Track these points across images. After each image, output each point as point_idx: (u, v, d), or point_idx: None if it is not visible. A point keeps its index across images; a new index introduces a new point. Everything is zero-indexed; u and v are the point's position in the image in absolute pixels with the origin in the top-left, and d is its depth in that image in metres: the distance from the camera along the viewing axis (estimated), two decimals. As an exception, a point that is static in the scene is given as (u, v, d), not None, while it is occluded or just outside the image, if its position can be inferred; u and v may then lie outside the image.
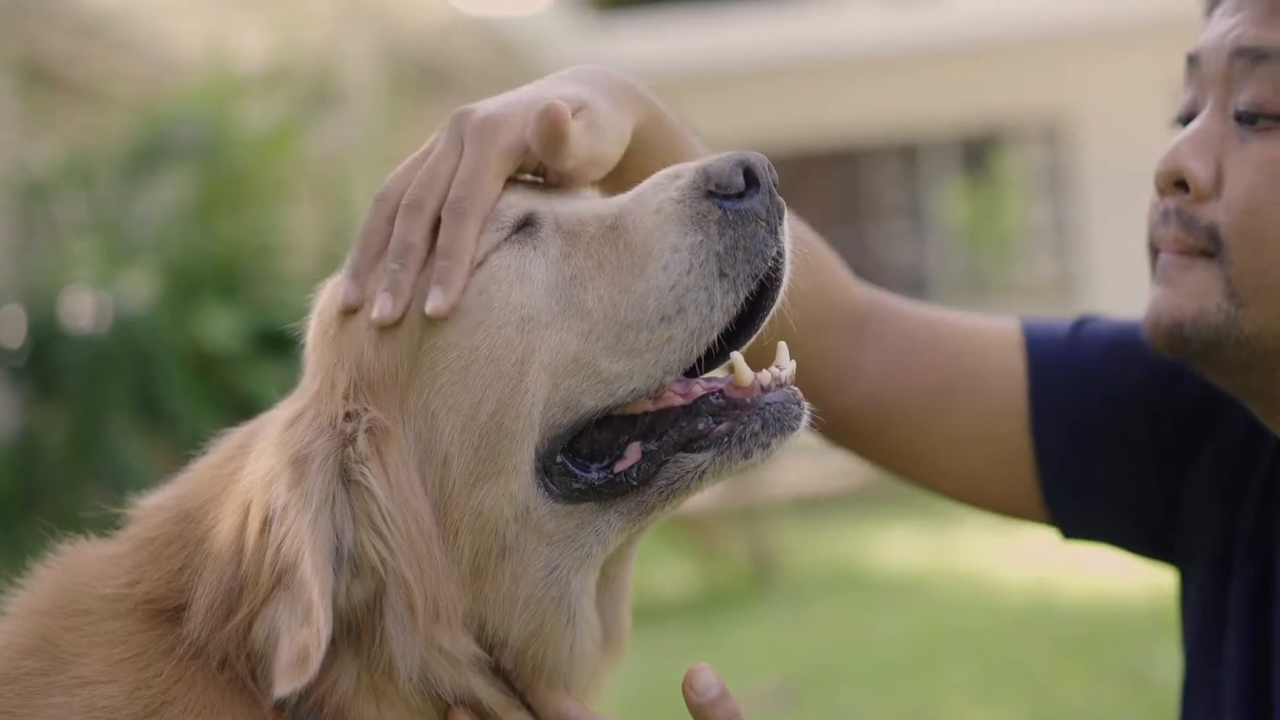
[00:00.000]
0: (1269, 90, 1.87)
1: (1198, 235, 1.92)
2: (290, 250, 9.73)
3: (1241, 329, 1.89)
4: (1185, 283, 1.93)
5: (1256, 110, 1.88)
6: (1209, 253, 1.91)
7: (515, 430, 1.68)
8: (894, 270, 21.08)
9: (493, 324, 1.70)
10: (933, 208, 20.78)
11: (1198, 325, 1.91)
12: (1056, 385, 2.20)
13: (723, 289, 1.70)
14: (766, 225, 1.73)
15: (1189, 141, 1.94)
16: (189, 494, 1.77)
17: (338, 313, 1.75)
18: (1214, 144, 1.92)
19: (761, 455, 1.72)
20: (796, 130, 20.66)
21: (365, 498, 1.65)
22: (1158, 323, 1.96)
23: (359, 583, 1.64)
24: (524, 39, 17.91)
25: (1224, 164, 1.91)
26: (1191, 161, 1.92)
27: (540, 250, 1.75)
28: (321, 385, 1.72)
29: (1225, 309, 1.89)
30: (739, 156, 1.74)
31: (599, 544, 1.72)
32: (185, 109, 9.60)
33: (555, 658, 1.71)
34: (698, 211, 1.72)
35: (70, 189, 9.65)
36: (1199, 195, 1.92)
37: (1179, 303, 1.93)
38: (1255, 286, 1.87)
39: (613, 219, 1.76)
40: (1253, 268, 1.87)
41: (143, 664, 1.65)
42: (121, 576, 1.71)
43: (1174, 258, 1.95)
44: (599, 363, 1.70)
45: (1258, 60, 1.88)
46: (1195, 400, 2.18)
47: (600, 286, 1.72)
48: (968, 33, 19.80)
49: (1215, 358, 1.93)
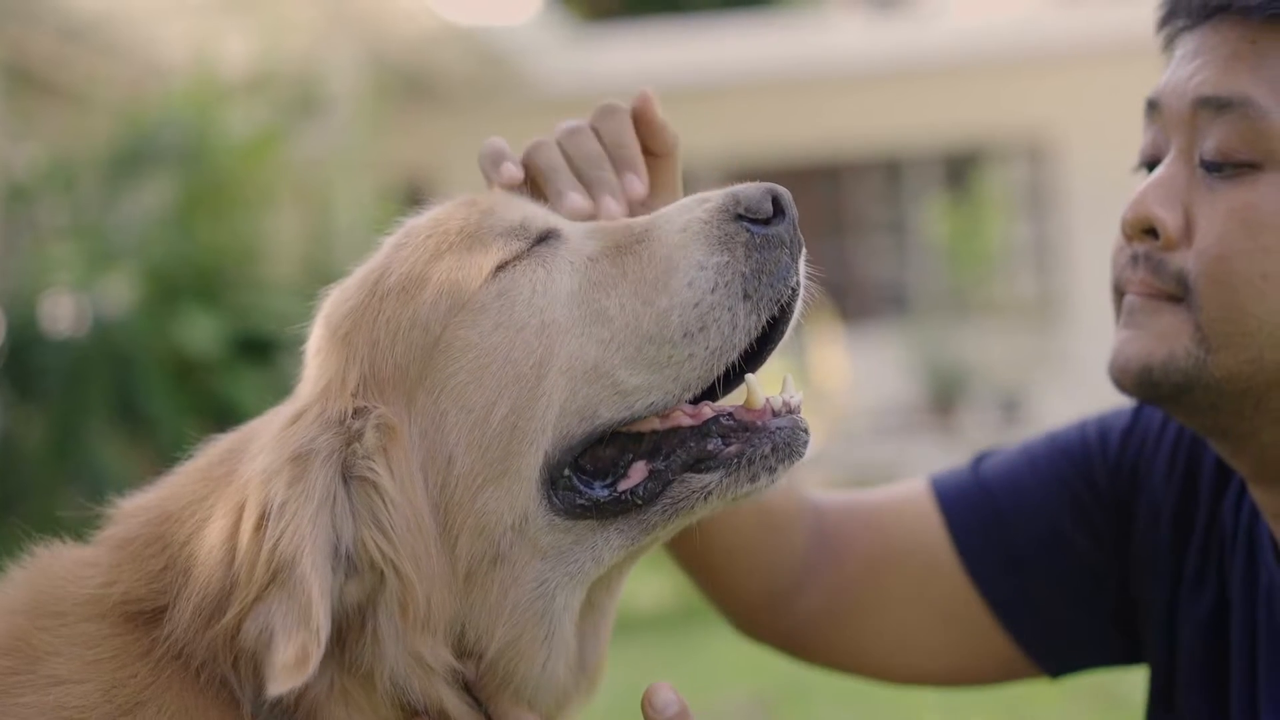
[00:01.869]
0: (1234, 138, 1.89)
1: (1167, 280, 1.93)
2: (272, 256, 9.70)
3: (1211, 373, 1.90)
4: (1154, 326, 1.94)
5: (1223, 159, 1.90)
6: (1177, 297, 1.93)
7: (528, 432, 1.67)
8: (875, 286, 21.10)
9: (513, 326, 1.70)
10: (915, 223, 20.80)
11: (1167, 369, 1.92)
12: (977, 531, 2.23)
13: (745, 310, 1.71)
14: (789, 253, 1.74)
15: (1156, 189, 1.95)
16: (172, 496, 1.76)
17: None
18: (1181, 191, 1.93)
19: (768, 480, 1.72)
20: (781, 144, 20.67)
21: (371, 494, 1.64)
22: (1126, 366, 1.97)
23: (355, 583, 1.63)
24: (510, 49, 17.91)
25: (1192, 211, 1.92)
26: (1160, 209, 1.93)
27: (565, 258, 1.75)
28: (330, 382, 1.72)
29: (1195, 354, 1.91)
30: (767, 186, 1.76)
31: (593, 561, 1.71)
32: (169, 113, 9.58)
33: (525, 672, 1.70)
34: (725, 233, 1.73)
35: (52, 192, 9.62)
36: (1168, 243, 1.93)
37: (1148, 346, 1.94)
38: (1226, 332, 1.89)
39: (640, 233, 1.77)
40: (1223, 314, 1.89)
41: (117, 665, 1.64)
42: (98, 577, 1.70)
43: (1142, 301, 1.96)
44: (618, 374, 1.70)
45: (1221, 109, 1.90)
46: (1110, 479, 2.22)
47: (623, 296, 1.73)
48: (952, 50, 19.85)
49: (1184, 400, 1.94)
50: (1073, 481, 2.23)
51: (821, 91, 20.66)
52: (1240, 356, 1.89)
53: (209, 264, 9.13)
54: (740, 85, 20.25)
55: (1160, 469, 2.18)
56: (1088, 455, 2.24)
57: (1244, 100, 1.88)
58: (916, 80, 20.36)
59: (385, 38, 15.27)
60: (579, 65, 19.49)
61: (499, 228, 1.77)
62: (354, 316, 1.74)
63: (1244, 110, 1.88)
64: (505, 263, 1.74)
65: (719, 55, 19.90)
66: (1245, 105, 1.88)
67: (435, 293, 1.72)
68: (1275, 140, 1.87)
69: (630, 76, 19.88)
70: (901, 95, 20.56)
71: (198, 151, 9.28)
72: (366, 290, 1.76)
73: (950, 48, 19.86)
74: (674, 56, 19.98)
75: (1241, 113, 1.88)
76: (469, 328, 1.70)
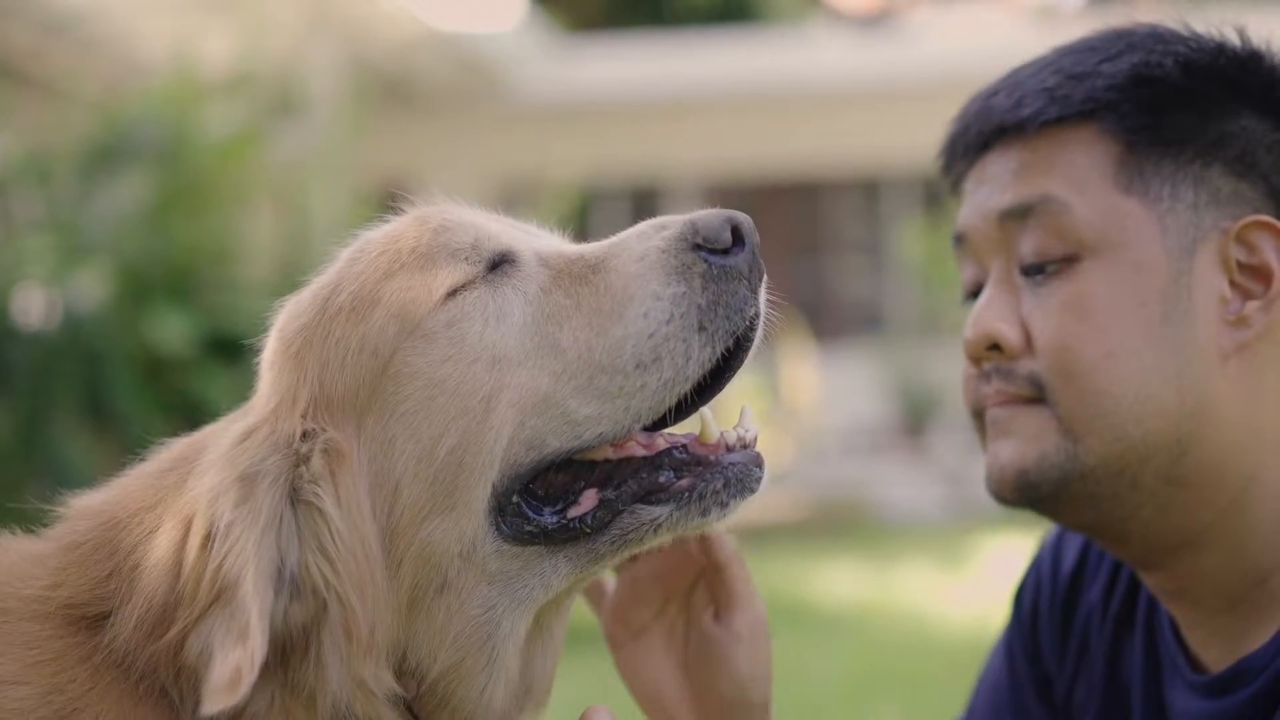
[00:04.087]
0: (1046, 237, 1.98)
1: (1021, 385, 2.01)
2: (246, 257, 9.66)
3: (1084, 462, 1.97)
4: (1020, 431, 2.02)
5: (1041, 258, 1.99)
6: (1035, 399, 2.00)
7: (475, 467, 1.67)
8: (850, 305, 21.13)
9: (463, 359, 1.69)
10: (892, 244, 20.84)
11: (1042, 468, 1.99)
12: None
13: (700, 342, 1.70)
14: (748, 284, 1.73)
15: (989, 309, 2.04)
16: (121, 501, 1.75)
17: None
18: (1012, 305, 2.02)
19: (719, 515, 1.72)
20: (760, 160, 20.70)
21: (316, 519, 1.63)
22: (1003, 476, 2.04)
23: (298, 605, 1.62)
24: (492, 57, 17.91)
25: (1027, 321, 2.00)
26: (999, 324, 2.02)
27: (518, 289, 1.74)
28: (281, 402, 1.71)
29: (1064, 447, 1.98)
30: (727, 214, 1.75)
31: (541, 587, 1.71)
32: (147, 110, 9.54)
33: (464, 696, 1.70)
34: (683, 263, 1.72)
35: (27, 185, 9.57)
36: (1012, 353, 2.01)
37: (1020, 451, 2.01)
38: (1088, 416, 1.96)
39: (595, 261, 1.76)
40: (1080, 400, 1.96)
41: (57, 669, 1.63)
42: (44, 578, 1.70)
43: (1003, 410, 2.04)
44: (569, 404, 1.69)
45: (1025, 215, 2.00)
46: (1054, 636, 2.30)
47: (577, 327, 1.72)
48: (935, 72, 19.89)
49: (1064, 496, 2.00)
50: (1009, 698, 2.34)
51: (803, 109, 20.70)
52: (1107, 438, 1.95)
53: (182, 262, 9.09)
54: (722, 100, 20.27)
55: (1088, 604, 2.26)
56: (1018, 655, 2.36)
57: (1044, 198, 1.98)
58: (898, 101, 20.40)
59: (367, 41, 15.26)
60: (560, 75, 19.49)
61: (451, 247, 1.76)
62: (305, 334, 1.73)
63: (1046, 207, 1.98)
64: (457, 288, 1.73)
65: (701, 69, 19.93)
66: (1047, 203, 1.98)
67: (385, 315, 1.71)
68: (1083, 229, 1.96)
69: (612, 88, 19.91)
70: (882, 116, 20.60)
71: (175, 149, 9.25)
72: (318, 307, 1.75)
73: (933, 70, 19.90)
74: (656, 69, 20.00)
75: (1045, 210, 1.98)
76: (418, 355, 1.69)
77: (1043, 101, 2.01)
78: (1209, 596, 2.00)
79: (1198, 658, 2.04)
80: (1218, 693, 1.97)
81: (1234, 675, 1.95)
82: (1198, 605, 2.02)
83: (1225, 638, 2.00)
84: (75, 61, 13.20)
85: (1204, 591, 2.00)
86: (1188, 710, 2.01)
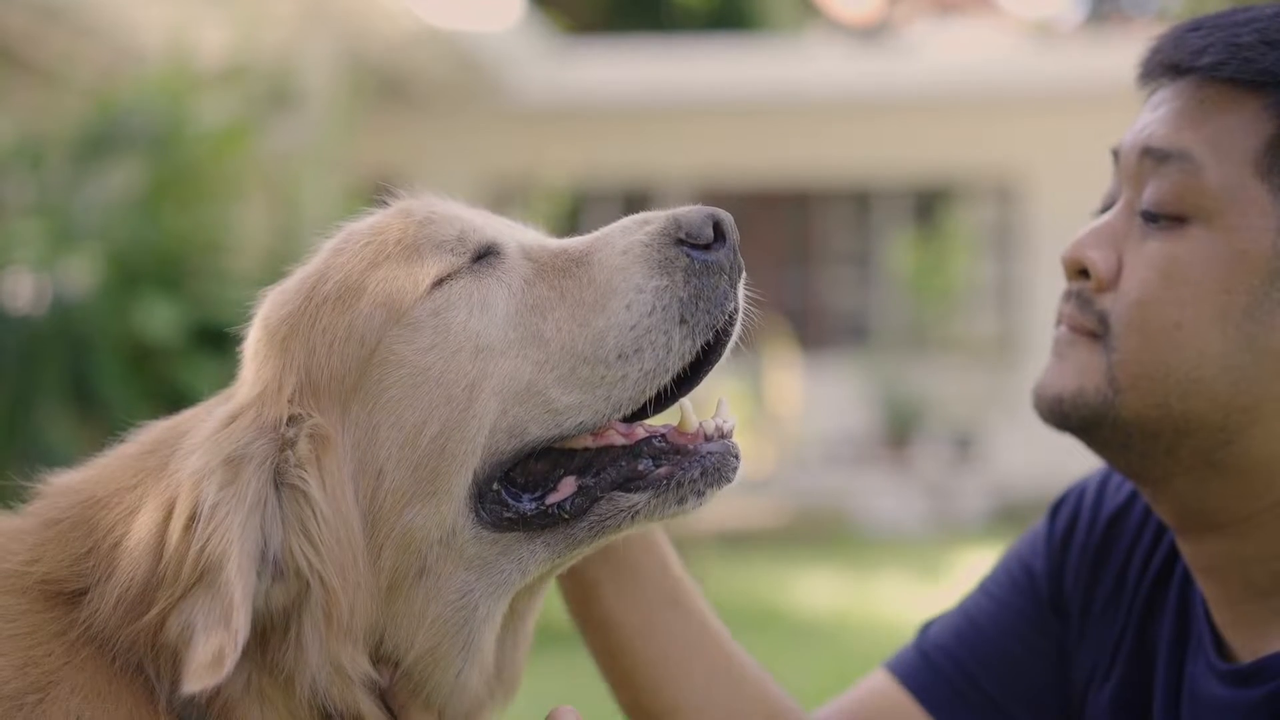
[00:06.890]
0: (1169, 191, 1.96)
1: (1090, 317, 2.02)
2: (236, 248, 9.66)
3: (1118, 413, 1.98)
4: (1071, 359, 2.04)
5: (1157, 210, 1.97)
6: (1097, 335, 2.01)
7: (457, 454, 1.69)
8: (838, 315, 21.14)
9: (447, 349, 1.71)
10: (881, 256, 20.87)
11: (1076, 402, 2.01)
12: (947, 696, 2.28)
13: (681, 334, 1.74)
14: (729, 279, 1.77)
15: (1094, 233, 2.04)
16: (101, 480, 1.77)
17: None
18: (1117, 238, 2.02)
19: (695, 503, 1.75)
20: (752, 168, 20.72)
21: (300, 502, 1.65)
22: (1042, 394, 2.07)
23: (280, 587, 1.64)
24: (488, 56, 17.89)
25: (1125, 257, 2.01)
26: (1093, 252, 2.03)
27: (502, 280, 1.77)
28: (266, 387, 1.73)
29: (1104, 391, 1.99)
30: (709, 210, 1.78)
31: (518, 573, 1.73)
32: (141, 99, 9.53)
33: (439, 680, 1.72)
34: (665, 257, 1.76)
35: (19, 169, 9.56)
36: (1098, 284, 2.02)
37: (1064, 378, 2.04)
38: (1135, 374, 1.96)
39: (579, 254, 1.80)
40: (1134, 357, 1.96)
41: (33, 642, 1.65)
42: (22, 553, 1.72)
43: (1067, 333, 2.06)
44: (550, 393, 1.72)
45: (1161, 161, 1.98)
46: (1053, 577, 2.28)
47: (560, 318, 1.74)
48: (929, 86, 19.94)
49: (1094, 434, 2.02)
50: (1026, 589, 2.30)
51: (796, 119, 20.72)
52: (1146, 400, 1.96)
53: (172, 251, 9.09)
54: (715, 107, 20.29)
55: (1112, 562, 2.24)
56: (1036, 572, 2.31)
57: (1182, 154, 1.96)
58: (891, 113, 20.44)
59: (363, 36, 15.24)
60: (556, 76, 19.49)
61: (436, 239, 1.78)
62: (292, 321, 1.76)
63: (1181, 164, 1.96)
64: (442, 278, 1.75)
65: (696, 76, 19.94)
66: (1183, 159, 1.96)
67: (371, 304, 1.73)
68: (1206, 196, 1.94)
69: (607, 91, 19.92)
70: (875, 127, 20.64)
71: (168, 138, 9.24)
72: (304, 295, 1.77)
73: (927, 84, 19.94)
74: (652, 74, 20.01)
75: (1179, 166, 1.96)
76: (404, 343, 1.72)
77: (1225, 56, 1.96)
78: (1241, 582, 2.01)
79: (1224, 639, 2.04)
80: (1239, 683, 1.97)
81: (1256, 670, 1.95)
82: (1227, 586, 2.02)
83: (1251, 625, 2.00)
84: (70, 47, 13.19)
85: (1237, 576, 2.01)
86: (1207, 693, 2.01)
